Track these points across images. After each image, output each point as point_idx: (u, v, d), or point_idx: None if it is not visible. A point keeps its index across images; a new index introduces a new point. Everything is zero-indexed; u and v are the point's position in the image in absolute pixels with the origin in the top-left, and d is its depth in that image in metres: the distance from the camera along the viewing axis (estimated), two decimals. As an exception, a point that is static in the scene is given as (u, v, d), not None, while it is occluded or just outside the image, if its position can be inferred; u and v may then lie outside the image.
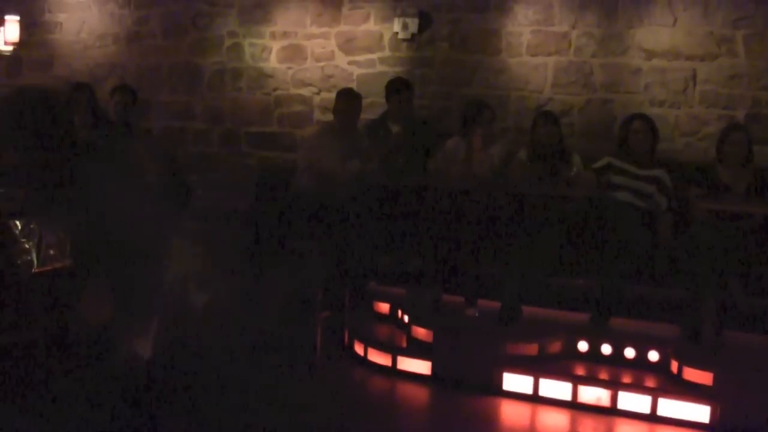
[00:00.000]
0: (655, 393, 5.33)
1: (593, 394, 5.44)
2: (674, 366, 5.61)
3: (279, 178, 7.83)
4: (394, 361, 5.96)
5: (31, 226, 5.93)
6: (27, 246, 5.86)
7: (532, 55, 7.79)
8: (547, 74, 7.76)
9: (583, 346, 5.93)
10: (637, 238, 6.19)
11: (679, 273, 6.11)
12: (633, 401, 5.35)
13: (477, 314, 6.38)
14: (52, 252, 6.05)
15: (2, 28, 9.49)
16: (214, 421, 5.02)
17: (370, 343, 6.13)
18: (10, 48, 9.56)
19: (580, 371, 5.72)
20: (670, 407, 5.26)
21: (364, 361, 6.10)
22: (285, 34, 8.79)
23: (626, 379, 5.59)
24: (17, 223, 5.81)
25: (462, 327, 6.22)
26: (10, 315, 5.67)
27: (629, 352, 5.82)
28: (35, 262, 5.91)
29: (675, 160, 7.04)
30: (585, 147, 7.26)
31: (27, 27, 9.79)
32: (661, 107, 7.37)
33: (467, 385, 5.67)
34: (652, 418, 5.28)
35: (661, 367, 5.72)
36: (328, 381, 5.83)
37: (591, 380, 5.53)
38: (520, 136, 7.46)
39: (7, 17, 9.43)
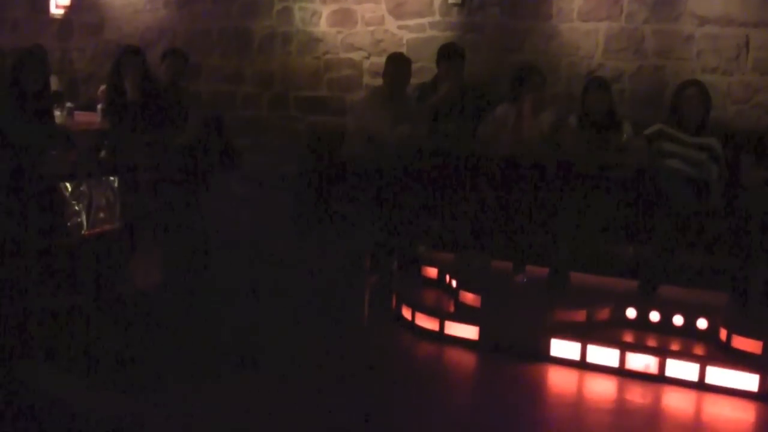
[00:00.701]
0: (704, 361, 5.32)
1: (641, 362, 5.45)
2: (723, 334, 5.59)
3: (328, 143, 7.86)
4: (442, 326, 5.99)
5: (81, 188, 6.03)
6: (77, 208, 5.96)
7: (584, 21, 7.72)
8: (598, 40, 7.69)
9: (631, 313, 5.93)
10: (688, 206, 6.16)
11: (730, 241, 6.08)
12: (681, 369, 5.35)
13: (525, 280, 6.39)
14: (101, 215, 6.16)
15: (54, -9, 9.58)
16: (264, 384, 5.08)
17: (417, 307, 6.16)
18: (61, 11, 9.63)
19: (628, 338, 5.73)
20: (719, 375, 5.26)
21: (411, 325, 6.14)
22: (335, -1, 8.80)
23: (674, 347, 5.59)
24: (67, 185, 5.91)
25: (510, 292, 6.24)
26: (61, 278, 5.77)
27: (678, 320, 5.81)
28: (85, 224, 6.01)
29: (727, 127, 6.97)
30: (636, 114, 7.21)
31: (78, -10, 9.87)
32: (713, 74, 7.28)
33: (514, 350, 5.69)
34: (700, 385, 5.29)
35: (709, 335, 5.71)
36: (375, 345, 5.87)
37: (639, 347, 5.54)
38: (571, 102, 7.40)
39: (59, -19, 9.51)
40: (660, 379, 5.38)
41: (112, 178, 6.39)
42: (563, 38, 7.81)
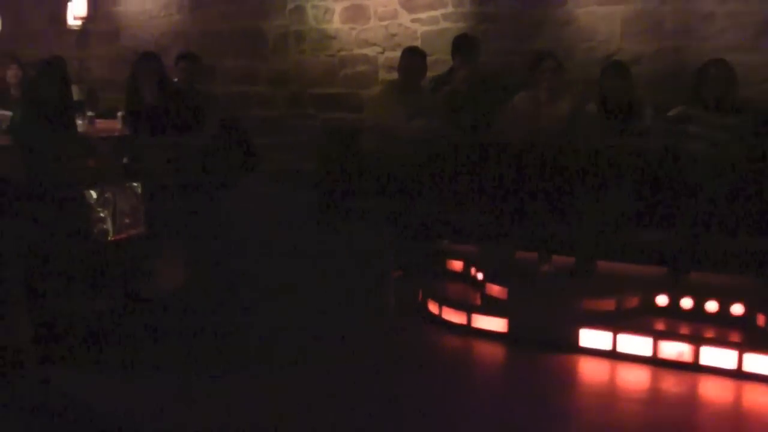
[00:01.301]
0: (741, 348, 5.17)
1: (674, 350, 5.32)
2: (761, 320, 5.46)
3: (345, 139, 7.79)
4: (469, 319, 5.89)
5: (106, 195, 6.01)
6: (102, 215, 5.95)
7: (600, 5, 7.61)
8: (615, 24, 7.59)
9: (662, 300, 5.81)
10: (715, 188, 6.04)
11: (761, 223, 5.96)
12: (717, 356, 5.19)
13: (552, 270, 6.29)
14: (126, 220, 6.14)
15: (70, 3, 9.63)
16: (292, 380, 5.03)
17: (444, 301, 6.07)
18: (78, 22, 9.69)
19: (659, 326, 5.61)
20: (757, 362, 5.09)
21: (438, 319, 6.05)
22: (347, -6, 8.73)
23: (709, 334, 5.47)
24: (92, 192, 5.90)
25: (537, 283, 6.15)
26: (89, 283, 5.78)
27: (711, 306, 5.68)
28: (111, 230, 6.00)
29: (751, 107, 6.83)
30: (657, 97, 7.07)
31: (93, 1, 9.88)
32: (736, 53, 7.12)
33: (543, 342, 5.58)
34: (738, 373, 5.13)
35: (745, 321, 5.58)
36: (403, 341, 5.79)
37: (672, 335, 5.42)
38: (589, 88, 7.29)
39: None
40: (694, 367, 5.24)
41: (135, 183, 6.39)
42: (579, 23, 7.70)
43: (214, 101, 7.67)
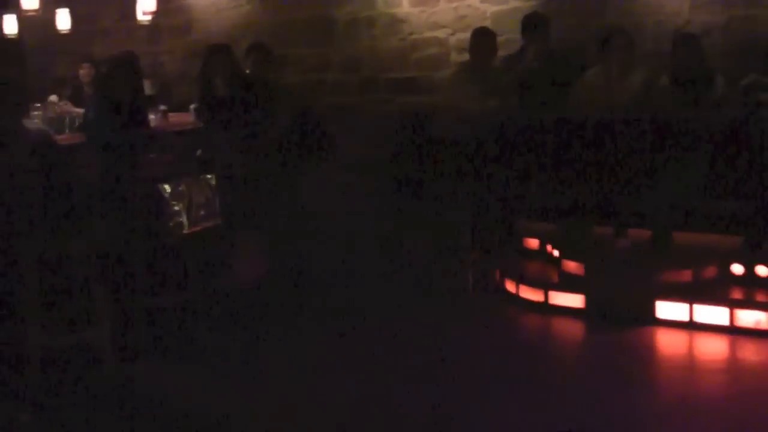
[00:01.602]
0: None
1: (752, 318, 5.37)
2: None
3: (420, 122, 7.89)
4: (546, 297, 5.99)
5: (181, 188, 6.17)
6: (177, 208, 6.10)
7: (667, -23, 7.60)
8: (684, -6, 7.56)
9: (738, 269, 5.84)
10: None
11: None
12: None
13: (628, 244, 6.34)
14: (202, 212, 6.29)
15: (140, -1, 9.78)
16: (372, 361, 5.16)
17: (521, 279, 6.17)
18: (148, 17, 9.81)
19: (736, 295, 5.65)
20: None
21: (516, 298, 6.15)
22: (416, -22, 8.79)
23: (785, 301, 5.50)
24: (167, 186, 6.05)
25: (614, 258, 6.21)
26: (165, 277, 5.92)
27: (787, 273, 5.71)
28: (186, 223, 6.16)
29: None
30: (729, 68, 7.03)
31: (164, -5, 10.04)
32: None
33: (621, 316, 5.66)
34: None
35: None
36: (482, 320, 5.90)
37: (749, 303, 5.46)
38: (660, 61, 7.28)
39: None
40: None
41: (209, 175, 6.51)
42: (647, -3, 7.69)
43: (286, 91, 7.76)
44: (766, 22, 7.18)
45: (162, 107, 8.47)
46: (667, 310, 5.58)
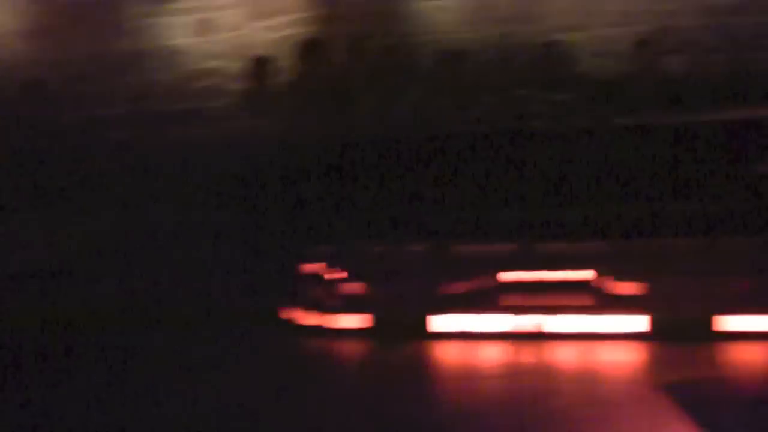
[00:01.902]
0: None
1: (527, 322, 5.46)
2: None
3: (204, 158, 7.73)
4: (327, 320, 6.03)
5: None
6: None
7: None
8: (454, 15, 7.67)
9: (507, 276, 5.91)
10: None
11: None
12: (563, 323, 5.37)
13: (406, 260, 6.30)
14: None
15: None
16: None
17: (301, 305, 6.16)
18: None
19: (510, 302, 5.74)
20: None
21: (297, 325, 6.16)
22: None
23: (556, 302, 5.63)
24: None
25: (391, 276, 6.16)
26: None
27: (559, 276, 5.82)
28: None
29: None
30: (500, 84, 7.17)
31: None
32: None
33: (401, 332, 5.68)
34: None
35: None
36: (261, 350, 5.81)
37: (521, 309, 5.57)
38: (435, 80, 7.35)
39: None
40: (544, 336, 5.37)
41: None
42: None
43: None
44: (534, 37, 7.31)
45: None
46: (442, 322, 5.61)
